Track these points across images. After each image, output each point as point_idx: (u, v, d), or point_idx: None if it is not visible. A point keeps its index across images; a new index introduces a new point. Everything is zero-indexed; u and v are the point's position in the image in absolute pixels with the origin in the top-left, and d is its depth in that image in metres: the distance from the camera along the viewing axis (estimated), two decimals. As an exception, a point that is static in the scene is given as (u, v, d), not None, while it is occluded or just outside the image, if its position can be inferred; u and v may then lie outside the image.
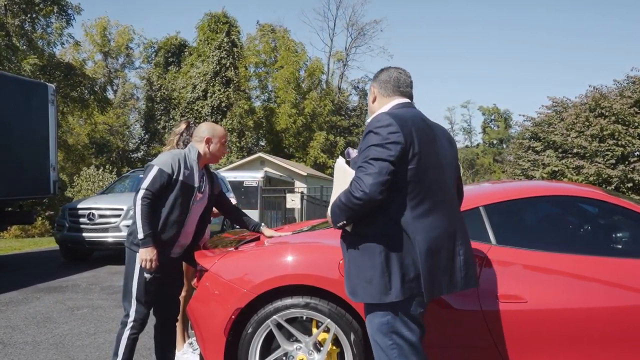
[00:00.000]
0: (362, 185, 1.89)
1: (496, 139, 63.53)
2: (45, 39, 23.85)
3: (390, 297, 1.94)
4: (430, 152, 2.03)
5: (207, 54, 30.12)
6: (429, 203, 2.00)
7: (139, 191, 2.78)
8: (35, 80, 11.93)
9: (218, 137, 3.05)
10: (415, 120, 2.04)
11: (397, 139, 1.93)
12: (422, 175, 1.98)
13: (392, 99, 2.17)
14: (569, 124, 13.04)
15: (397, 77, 2.19)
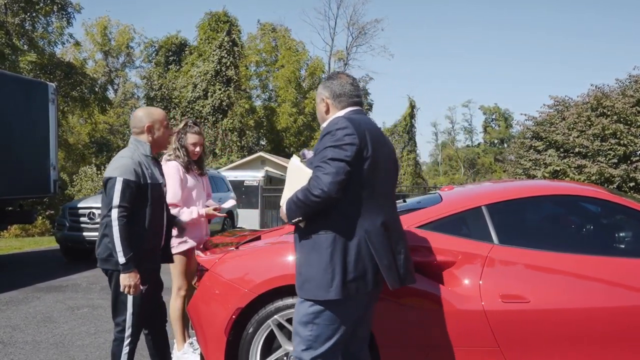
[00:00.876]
0: (320, 184, 1.98)
1: (497, 139, 63.48)
2: (46, 38, 23.85)
3: (330, 295, 2.01)
4: (380, 155, 2.13)
5: (208, 53, 30.09)
6: (377, 202, 2.13)
7: (111, 210, 2.53)
8: (35, 79, 11.92)
9: (159, 121, 2.83)
10: (368, 125, 2.16)
11: (352, 140, 2.03)
12: (373, 176, 2.10)
13: (345, 109, 2.26)
14: (570, 123, 13.01)
15: (350, 89, 2.28)
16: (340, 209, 2.05)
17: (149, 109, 2.90)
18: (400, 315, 2.57)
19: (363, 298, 2.15)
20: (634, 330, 2.51)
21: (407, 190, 24.73)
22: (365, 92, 45.27)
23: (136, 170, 2.64)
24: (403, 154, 45.14)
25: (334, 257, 2.02)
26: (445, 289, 2.59)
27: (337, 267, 2.01)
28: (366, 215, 2.08)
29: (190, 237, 3.50)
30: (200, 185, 3.63)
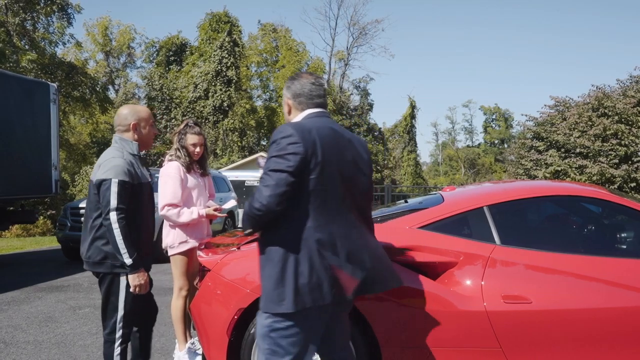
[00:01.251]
0: (260, 197, 1.93)
1: (497, 139, 63.47)
2: (47, 39, 23.86)
3: (282, 308, 1.92)
4: (335, 162, 2.02)
5: (209, 54, 30.11)
6: (332, 212, 2.01)
7: (110, 213, 2.51)
8: (37, 79, 11.93)
9: (145, 119, 2.79)
10: (321, 130, 2.03)
11: (296, 149, 1.93)
12: (326, 185, 1.98)
13: (305, 111, 2.17)
14: (571, 123, 13.01)
15: (310, 89, 2.18)
16: (291, 220, 1.97)
17: (134, 107, 2.84)
18: (402, 316, 2.57)
19: (325, 311, 2.02)
20: (636, 330, 2.51)
21: (408, 191, 24.73)
22: (366, 93, 45.26)
23: (129, 171, 2.61)
24: (403, 154, 45.13)
25: (285, 270, 1.93)
26: (447, 289, 2.59)
27: (289, 279, 1.92)
28: (319, 226, 1.96)
29: (191, 238, 3.50)
30: (201, 185, 3.63)
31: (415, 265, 2.66)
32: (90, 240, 2.64)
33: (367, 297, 2.56)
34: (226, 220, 10.76)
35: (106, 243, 2.58)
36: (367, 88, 45.45)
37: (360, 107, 44.15)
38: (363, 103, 44.64)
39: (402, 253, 2.71)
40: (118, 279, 2.65)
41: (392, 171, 45.07)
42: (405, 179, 43.48)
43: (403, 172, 44.64)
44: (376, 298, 2.57)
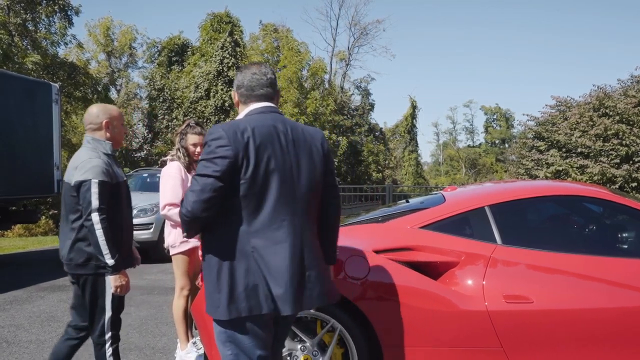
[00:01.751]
0: (186, 202, 1.87)
1: (498, 139, 63.44)
2: (49, 39, 23.89)
3: (218, 315, 1.88)
4: (274, 164, 1.90)
5: (210, 54, 30.15)
6: (270, 217, 1.89)
7: (92, 214, 2.46)
8: (39, 79, 11.95)
9: (116, 117, 2.74)
10: (260, 129, 1.91)
11: (225, 152, 1.84)
12: (262, 188, 1.88)
13: (248, 105, 2.05)
14: (572, 123, 13.00)
15: (250, 79, 2.04)
16: (227, 225, 1.89)
17: (105, 106, 2.80)
18: (404, 315, 2.57)
19: (267, 319, 1.93)
20: (637, 330, 2.51)
21: (409, 191, 24.73)
22: (367, 93, 45.26)
23: (108, 171, 2.57)
24: (404, 154, 45.15)
25: (220, 276, 1.86)
26: (449, 289, 2.60)
27: (224, 286, 1.85)
28: (255, 231, 1.87)
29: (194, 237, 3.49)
30: None
31: (416, 265, 2.67)
32: (71, 243, 2.59)
33: (368, 296, 2.57)
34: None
35: (89, 244, 2.54)
36: (368, 88, 45.42)
37: (361, 107, 44.15)
38: (364, 103, 44.64)
39: (404, 253, 2.71)
40: (103, 280, 2.61)
41: (393, 171, 45.08)
42: (406, 179, 43.50)
43: (404, 172, 44.68)
44: (377, 298, 2.58)
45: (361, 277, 2.59)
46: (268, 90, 2.05)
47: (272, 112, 2.03)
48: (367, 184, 37.15)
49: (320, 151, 2.04)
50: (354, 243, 2.78)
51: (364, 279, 2.58)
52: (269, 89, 2.06)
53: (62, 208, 2.68)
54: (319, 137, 2.07)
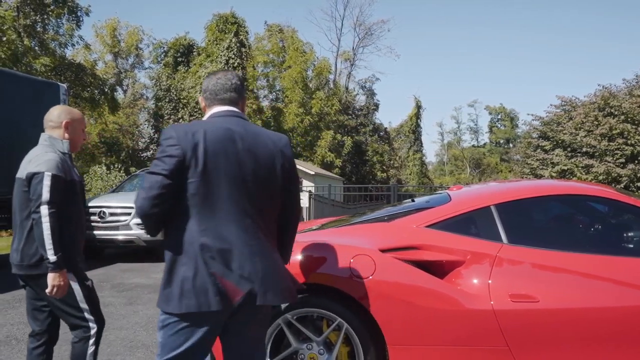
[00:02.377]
0: (137, 199, 1.92)
1: (503, 139, 63.25)
2: (57, 40, 24.03)
3: (168, 308, 1.90)
4: (224, 165, 1.92)
5: (216, 54, 30.21)
6: (220, 217, 1.92)
7: (41, 206, 2.36)
8: (47, 80, 12.03)
9: (78, 121, 2.69)
10: (214, 132, 1.95)
11: (173, 152, 1.89)
12: (212, 188, 1.91)
13: (212, 109, 2.10)
14: (578, 123, 12.98)
15: (214, 84, 2.09)
16: (178, 223, 1.93)
17: (70, 108, 2.72)
18: (409, 314, 2.59)
19: (217, 316, 1.93)
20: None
21: (414, 190, 24.70)
22: (372, 93, 45.26)
23: (63, 166, 2.48)
24: (409, 154, 45.09)
25: (172, 272, 1.91)
26: (454, 288, 2.61)
27: (176, 282, 1.89)
28: (204, 230, 1.90)
29: None
30: None
31: (422, 264, 2.68)
32: (24, 242, 2.48)
33: (374, 295, 2.59)
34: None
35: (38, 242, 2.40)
36: (372, 88, 45.49)
37: (366, 107, 44.15)
38: (369, 103, 44.64)
39: (410, 252, 2.73)
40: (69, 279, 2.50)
41: (397, 171, 45.05)
42: (411, 179, 43.42)
43: (409, 171, 44.61)
44: (383, 296, 2.59)
45: (367, 276, 2.60)
46: (232, 95, 2.09)
47: (234, 116, 2.06)
48: (371, 183, 37.11)
49: (280, 158, 2.05)
50: (359, 242, 2.80)
51: (370, 278, 2.60)
52: (233, 93, 2.10)
53: (14, 207, 2.54)
54: (281, 143, 2.08)
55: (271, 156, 2.02)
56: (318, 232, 3.24)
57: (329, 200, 15.25)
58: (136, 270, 7.67)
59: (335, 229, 3.22)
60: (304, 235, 3.16)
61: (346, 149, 37.86)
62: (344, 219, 3.68)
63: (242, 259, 1.91)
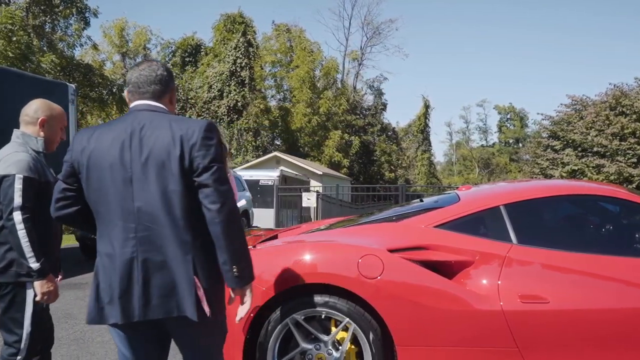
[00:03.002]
0: None
1: (512, 138, 62.95)
2: (65, 41, 24.21)
3: (88, 319, 1.84)
4: (110, 166, 1.78)
5: (224, 54, 30.33)
6: (108, 224, 1.82)
7: (14, 212, 2.19)
8: (55, 80, 12.12)
9: (56, 118, 2.51)
10: (106, 132, 1.83)
11: (67, 156, 1.87)
12: (97, 194, 1.81)
13: (132, 103, 1.93)
14: (588, 122, 12.88)
15: (137, 77, 1.90)
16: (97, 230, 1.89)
17: (50, 104, 2.52)
18: (418, 315, 2.57)
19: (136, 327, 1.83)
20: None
21: (422, 190, 24.63)
22: (380, 92, 45.20)
23: (35, 166, 2.31)
24: (417, 154, 45.00)
25: (92, 281, 1.86)
26: (463, 288, 2.58)
27: (92, 291, 1.84)
28: (102, 237, 1.84)
29: None
30: None
31: (431, 264, 2.66)
32: None
33: (382, 295, 2.57)
34: (241, 220, 10.83)
35: (9, 249, 2.26)
36: (380, 88, 45.42)
37: (374, 107, 44.09)
38: (377, 103, 44.59)
39: (418, 252, 2.71)
40: (23, 291, 2.32)
41: (406, 171, 44.97)
42: (419, 179, 43.33)
43: (417, 171, 44.52)
44: (391, 297, 2.57)
45: (375, 276, 2.58)
46: (155, 88, 1.90)
47: (148, 110, 1.87)
48: (379, 183, 37.07)
49: (178, 148, 1.75)
50: (368, 242, 2.78)
51: (378, 278, 2.58)
52: (157, 86, 1.91)
53: None
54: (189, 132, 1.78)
55: (166, 150, 1.76)
56: (326, 232, 3.22)
57: (337, 200, 15.24)
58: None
59: (343, 228, 3.21)
60: (312, 235, 3.15)
61: (354, 149, 37.84)
62: (352, 219, 3.66)
63: (124, 268, 1.78)
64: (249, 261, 1.86)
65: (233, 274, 1.79)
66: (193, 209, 1.78)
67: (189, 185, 1.77)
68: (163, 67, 1.94)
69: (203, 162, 1.76)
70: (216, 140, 1.81)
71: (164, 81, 1.92)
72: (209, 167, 1.76)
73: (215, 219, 1.75)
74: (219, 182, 1.76)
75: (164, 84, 1.92)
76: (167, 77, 1.94)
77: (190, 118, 1.81)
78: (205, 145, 1.77)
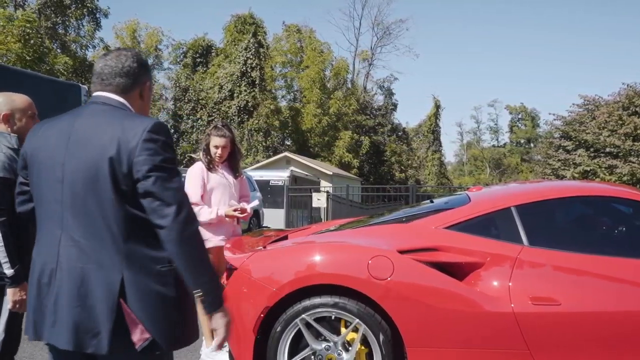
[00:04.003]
0: None
1: (523, 139, 62.45)
2: (78, 42, 24.47)
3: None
4: (44, 166, 1.58)
5: (234, 55, 30.47)
6: (38, 229, 1.63)
7: None
8: (69, 81, 12.26)
9: (21, 110, 2.39)
10: (54, 125, 1.64)
11: (21, 151, 1.72)
12: (37, 191, 1.62)
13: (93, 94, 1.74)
14: (601, 122, 12.76)
15: (102, 67, 1.67)
16: None
17: (11, 96, 2.39)
18: (428, 316, 2.56)
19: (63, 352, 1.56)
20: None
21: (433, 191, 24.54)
22: (390, 92, 45.10)
23: (11, 166, 2.17)
24: (428, 154, 44.82)
25: None
26: (474, 290, 2.58)
27: None
28: (36, 242, 1.64)
29: (214, 236, 3.55)
30: (225, 185, 3.67)
31: (441, 266, 2.65)
32: None
33: (392, 296, 2.57)
34: (251, 220, 10.88)
35: None
36: (391, 88, 45.29)
37: (384, 107, 44.01)
38: (387, 103, 44.50)
39: (428, 253, 2.70)
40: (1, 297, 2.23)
41: (416, 171, 44.82)
42: (429, 179, 43.15)
43: (427, 172, 44.34)
44: (401, 298, 2.57)
45: (385, 277, 2.59)
46: (120, 81, 1.66)
47: (102, 104, 1.64)
48: (389, 184, 36.99)
49: (114, 151, 1.50)
50: (378, 243, 2.78)
51: (388, 279, 2.58)
52: (122, 79, 1.66)
53: None
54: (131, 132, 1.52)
55: (100, 152, 1.51)
56: (336, 232, 3.23)
57: (347, 201, 15.24)
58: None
59: (353, 229, 3.21)
60: (322, 236, 3.16)
61: (364, 149, 37.79)
62: (362, 220, 3.66)
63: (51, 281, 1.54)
64: (216, 281, 1.57)
65: (197, 292, 1.53)
66: (132, 219, 1.52)
67: (126, 193, 1.51)
68: (133, 58, 1.69)
69: (142, 169, 1.49)
70: (162, 142, 1.54)
71: (131, 74, 1.68)
72: (148, 175, 1.49)
73: (167, 237, 1.49)
74: (164, 192, 1.50)
75: (131, 77, 1.68)
76: (136, 69, 1.69)
77: (145, 116, 1.65)
78: (146, 149, 1.50)
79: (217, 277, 1.59)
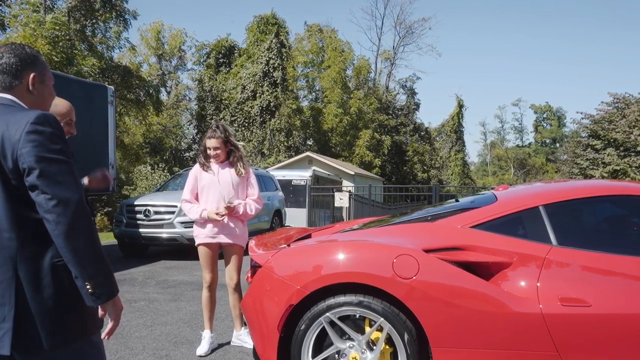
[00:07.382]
0: None
1: (549, 138, 61.34)
2: (105, 43, 24.94)
3: None
4: None
5: (257, 55, 30.66)
6: None
7: None
8: (96, 82, 12.51)
9: (61, 115, 2.40)
10: None
11: None
12: None
13: None
14: (631, 120, 12.43)
15: None
16: None
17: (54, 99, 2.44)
18: (454, 316, 2.53)
19: None
20: None
21: (456, 191, 24.26)
22: (412, 92, 44.79)
23: None
24: (451, 154, 44.37)
25: None
26: (501, 290, 2.54)
27: None
28: None
29: (201, 234, 3.82)
30: (217, 184, 3.82)
31: (467, 265, 2.62)
32: None
33: (417, 296, 2.55)
34: (273, 219, 10.92)
35: None
36: (413, 87, 44.97)
37: (406, 107, 43.73)
38: (409, 102, 44.21)
39: (454, 252, 2.67)
40: None
41: (439, 171, 44.41)
42: (452, 179, 42.72)
43: (450, 172, 43.92)
44: (427, 297, 2.55)
45: (410, 276, 2.57)
46: (6, 77, 1.63)
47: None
48: (412, 183, 36.73)
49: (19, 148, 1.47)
50: (403, 242, 2.77)
51: (413, 278, 2.56)
52: (1, 76, 1.63)
53: None
54: (13, 125, 1.50)
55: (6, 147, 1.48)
56: (360, 231, 3.22)
57: (369, 201, 15.19)
58: (180, 268, 7.85)
59: (377, 228, 3.20)
60: (346, 235, 3.15)
61: (385, 148, 37.61)
62: (386, 219, 3.64)
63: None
64: (106, 274, 1.57)
65: (87, 290, 1.52)
66: (23, 217, 1.51)
67: (17, 187, 1.49)
68: (11, 53, 1.64)
69: (26, 161, 1.47)
70: (49, 134, 1.51)
71: (8, 70, 1.64)
72: (32, 167, 1.47)
73: (53, 231, 1.48)
74: (49, 186, 1.47)
75: (10, 73, 1.64)
76: (14, 64, 1.64)
77: (32, 110, 1.62)
78: (29, 141, 1.47)
79: (107, 270, 1.58)
